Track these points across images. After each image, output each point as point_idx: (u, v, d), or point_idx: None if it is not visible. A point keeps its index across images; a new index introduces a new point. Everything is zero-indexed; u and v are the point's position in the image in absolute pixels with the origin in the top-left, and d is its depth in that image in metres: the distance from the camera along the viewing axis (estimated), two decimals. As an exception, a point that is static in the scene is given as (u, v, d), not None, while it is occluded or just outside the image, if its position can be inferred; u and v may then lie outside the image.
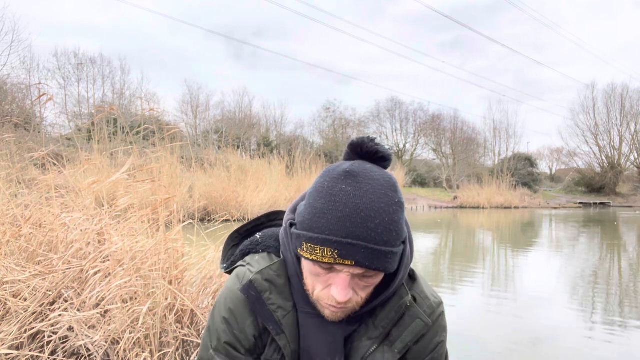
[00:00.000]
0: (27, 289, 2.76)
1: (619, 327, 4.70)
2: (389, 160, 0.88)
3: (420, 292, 0.98)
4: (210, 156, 18.46)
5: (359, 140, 0.87)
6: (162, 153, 3.93)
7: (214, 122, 36.73)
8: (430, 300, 0.98)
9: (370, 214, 0.77)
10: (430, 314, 0.96)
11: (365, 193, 0.79)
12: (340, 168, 0.84)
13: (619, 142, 45.44)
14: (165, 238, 3.10)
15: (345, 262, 0.78)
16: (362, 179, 0.81)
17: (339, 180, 0.81)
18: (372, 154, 0.87)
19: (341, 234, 0.77)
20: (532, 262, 9.44)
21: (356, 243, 0.76)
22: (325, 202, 0.79)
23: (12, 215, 3.48)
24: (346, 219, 0.77)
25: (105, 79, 30.22)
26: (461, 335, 4.38)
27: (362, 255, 0.77)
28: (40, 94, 4.68)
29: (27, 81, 23.25)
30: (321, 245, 0.78)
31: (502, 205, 33.30)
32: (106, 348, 2.58)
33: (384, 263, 0.80)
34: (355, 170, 0.82)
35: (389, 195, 0.81)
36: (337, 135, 41.98)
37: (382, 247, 0.78)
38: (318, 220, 0.79)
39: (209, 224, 4.20)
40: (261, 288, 0.90)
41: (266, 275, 0.92)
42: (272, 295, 0.91)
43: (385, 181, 0.82)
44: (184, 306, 2.90)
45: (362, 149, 0.87)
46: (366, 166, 0.84)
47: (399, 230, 0.82)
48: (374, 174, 0.83)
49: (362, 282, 0.84)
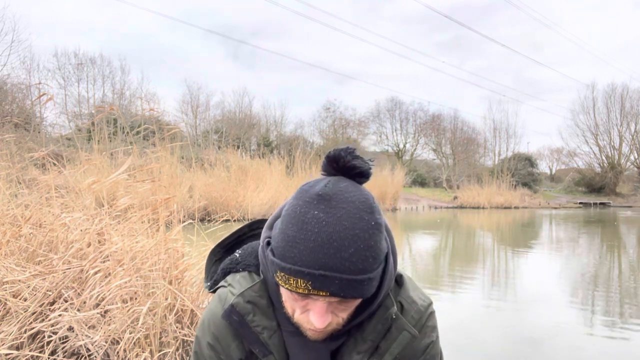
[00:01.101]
0: (27, 289, 2.76)
1: (619, 327, 4.70)
2: (367, 177, 0.84)
3: (407, 297, 0.96)
4: (210, 156, 18.46)
5: (335, 154, 0.82)
6: (162, 153, 3.93)
7: (214, 122, 36.75)
8: (418, 305, 0.97)
9: (343, 242, 0.74)
10: (419, 319, 0.95)
11: (339, 219, 0.75)
12: (314, 190, 0.79)
13: (619, 142, 45.48)
14: (165, 238, 3.10)
15: (320, 293, 0.75)
16: (336, 202, 0.77)
17: (311, 205, 0.77)
18: (349, 170, 0.82)
19: (314, 265, 0.73)
20: (532, 262, 9.44)
21: (330, 275, 0.74)
22: (297, 229, 0.76)
23: (12, 215, 3.48)
24: (318, 250, 0.73)
25: (105, 79, 30.26)
26: (461, 335, 4.38)
27: (337, 286, 0.74)
28: (40, 94, 4.69)
29: (27, 81, 23.26)
30: (294, 276, 0.75)
31: (502, 205, 33.30)
32: (106, 348, 2.58)
33: (360, 291, 0.77)
34: (329, 193, 0.77)
35: (364, 219, 0.77)
36: (337, 135, 41.96)
37: (358, 276, 0.75)
38: (290, 249, 0.76)
39: (209, 224, 4.20)
40: (244, 311, 0.89)
41: (248, 297, 0.90)
42: (255, 317, 0.90)
43: (360, 202, 0.78)
44: (184, 306, 2.90)
45: (339, 163, 0.82)
46: (341, 185, 0.79)
47: (376, 255, 0.78)
48: (349, 196, 0.78)
49: (341, 306, 0.82)
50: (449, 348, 4.16)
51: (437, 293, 6.26)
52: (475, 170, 42.73)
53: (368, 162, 0.84)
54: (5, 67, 20.94)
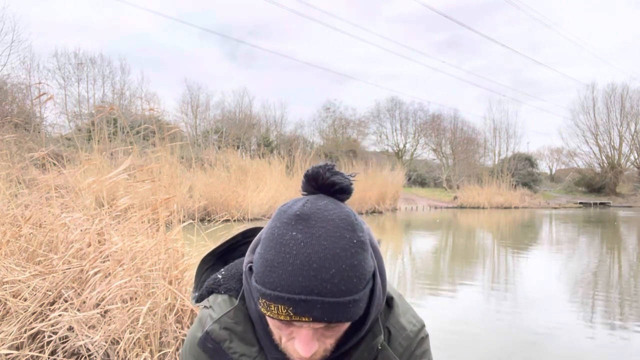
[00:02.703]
0: (27, 289, 2.76)
1: (619, 327, 4.70)
2: (348, 193, 0.81)
3: (395, 322, 0.92)
4: (210, 156, 18.46)
5: (314, 172, 0.80)
6: (162, 153, 3.93)
7: (214, 122, 36.75)
8: (407, 331, 0.92)
9: (324, 263, 0.70)
10: (407, 347, 0.91)
11: (318, 239, 0.72)
12: (292, 210, 0.77)
13: (619, 142, 45.49)
14: (165, 238, 3.10)
15: (302, 319, 0.72)
16: (314, 222, 0.74)
17: (289, 226, 0.74)
18: (329, 187, 0.80)
19: (294, 290, 0.70)
20: (531, 262, 9.44)
21: (311, 299, 0.70)
22: (275, 253, 0.73)
23: (12, 215, 3.48)
24: (298, 273, 0.70)
25: (105, 79, 30.25)
26: (461, 335, 4.39)
27: (319, 310, 0.71)
28: (40, 93, 4.69)
29: (27, 81, 23.26)
30: (275, 302, 0.72)
31: (502, 205, 33.30)
32: (106, 348, 2.58)
33: (346, 314, 0.73)
34: (307, 213, 0.75)
35: (345, 237, 0.73)
36: (337, 135, 41.99)
37: (341, 299, 0.72)
38: (269, 274, 0.73)
39: (209, 224, 4.20)
40: (219, 338, 0.87)
41: (224, 323, 0.88)
42: (232, 344, 0.87)
43: (341, 220, 0.75)
44: (184, 306, 2.90)
45: (318, 181, 0.80)
46: (320, 204, 0.77)
47: (360, 275, 0.74)
48: (329, 214, 0.75)
49: (327, 332, 0.78)
50: (449, 348, 4.16)
51: (436, 293, 6.26)
52: (475, 170, 42.73)
53: (348, 177, 0.82)
54: (5, 67, 20.97)
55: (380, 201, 23.78)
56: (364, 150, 41.12)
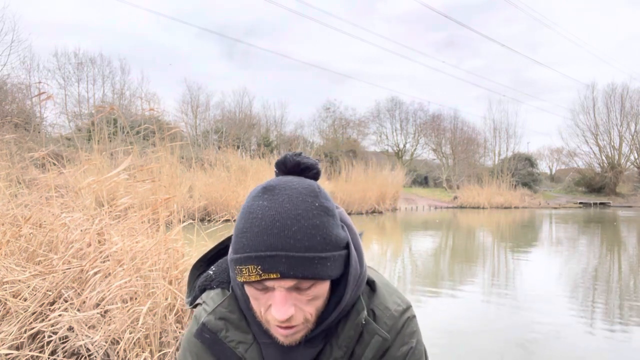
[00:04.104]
0: (27, 289, 2.76)
1: (619, 327, 4.70)
2: (314, 169, 0.87)
3: (379, 303, 0.94)
4: (210, 156, 18.46)
5: (282, 157, 0.87)
6: (162, 153, 3.93)
7: (214, 122, 36.74)
8: (391, 310, 0.94)
9: (286, 222, 0.76)
10: (392, 325, 0.93)
11: (281, 203, 0.78)
12: (259, 186, 0.84)
13: (619, 142, 45.47)
14: (165, 238, 3.10)
15: (271, 276, 0.76)
16: (279, 190, 0.81)
17: (256, 198, 0.81)
18: (295, 167, 0.86)
19: (260, 248, 0.76)
20: (531, 262, 9.44)
21: (275, 254, 0.75)
22: (244, 221, 0.79)
23: (12, 215, 3.48)
24: (263, 232, 0.76)
25: (105, 79, 30.26)
26: (461, 335, 4.39)
27: (285, 265, 0.75)
28: (39, 92, 4.68)
29: (27, 81, 23.26)
30: (245, 264, 0.77)
31: (502, 205, 33.30)
32: (106, 348, 2.58)
33: (312, 270, 0.77)
34: (272, 185, 0.82)
35: (307, 201, 0.80)
36: (337, 135, 41.98)
37: (306, 254, 0.76)
38: (240, 240, 0.79)
39: (209, 224, 4.20)
40: (216, 328, 0.90)
41: (219, 313, 0.91)
42: (229, 333, 0.90)
43: (303, 188, 0.82)
44: (184, 306, 2.90)
45: (286, 164, 0.87)
46: (285, 178, 0.84)
47: (325, 234, 0.79)
48: (292, 184, 0.82)
49: (302, 297, 0.81)
50: (447, 348, 4.16)
51: (436, 293, 6.26)
52: (475, 170, 42.73)
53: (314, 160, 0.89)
54: (5, 67, 20.96)
55: (380, 201, 23.78)
56: (364, 150, 41.10)
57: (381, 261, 9.04)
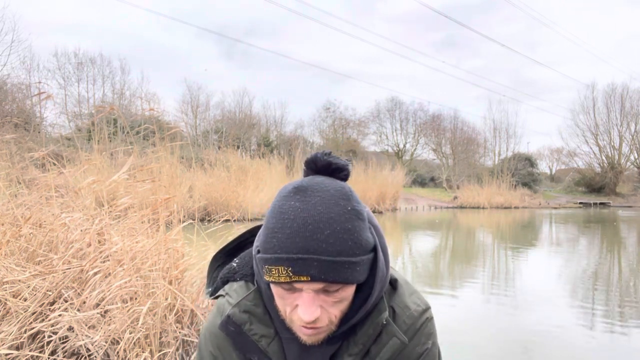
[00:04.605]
0: (27, 289, 2.76)
1: (619, 328, 4.70)
2: (345, 171, 0.87)
3: (400, 302, 0.95)
4: (210, 156, 18.46)
5: (312, 156, 0.87)
6: (162, 153, 3.93)
7: (214, 122, 36.74)
8: (411, 310, 0.95)
9: (319, 225, 0.76)
10: (411, 324, 0.94)
11: (313, 205, 0.78)
12: (290, 185, 0.83)
13: (619, 142, 45.47)
14: (165, 238, 3.10)
15: (301, 279, 0.76)
16: (311, 192, 0.80)
17: (288, 198, 0.81)
18: (326, 167, 0.86)
19: (292, 250, 0.76)
20: (531, 262, 9.44)
21: (307, 257, 0.75)
22: (275, 221, 0.79)
23: (12, 215, 3.48)
24: (295, 235, 0.76)
25: (105, 79, 30.26)
26: (460, 335, 4.39)
27: (316, 268, 0.75)
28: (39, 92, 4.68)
29: (27, 81, 23.26)
30: (275, 265, 0.77)
31: (502, 205, 33.29)
32: (106, 348, 2.58)
33: (342, 274, 0.77)
34: (304, 185, 0.81)
35: (340, 204, 0.79)
36: (337, 135, 41.98)
37: (337, 258, 0.76)
38: (270, 240, 0.78)
39: (209, 224, 4.20)
40: (240, 321, 0.91)
41: (243, 306, 0.92)
42: (253, 326, 0.91)
43: (336, 191, 0.81)
44: (184, 306, 2.91)
45: (317, 163, 0.86)
46: (317, 179, 0.83)
47: (356, 239, 0.79)
48: (325, 186, 0.82)
49: (329, 298, 0.81)
50: (447, 348, 4.16)
51: (436, 293, 6.26)
52: (475, 170, 42.73)
53: (345, 160, 0.88)
54: (5, 67, 20.96)
55: (380, 201, 23.78)
56: (364, 150, 41.11)
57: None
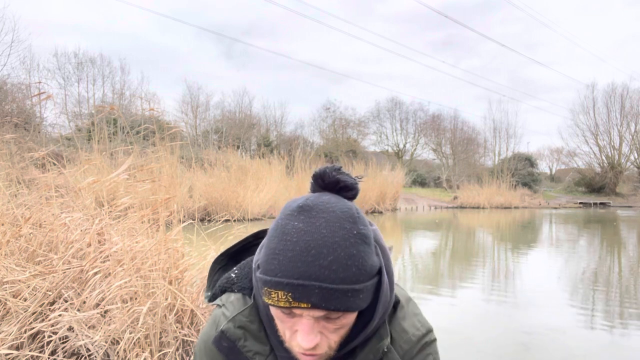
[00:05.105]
0: (27, 289, 2.77)
1: (619, 328, 4.70)
2: (353, 190, 0.83)
3: (397, 325, 0.91)
4: (210, 156, 18.47)
5: (320, 171, 0.83)
6: (162, 153, 3.93)
7: (214, 122, 36.75)
8: (409, 334, 0.91)
9: (322, 250, 0.72)
10: (408, 350, 0.90)
11: (318, 228, 0.74)
12: (295, 203, 0.80)
13: (619, 142, 45.46)
14: (165, 238, 3.10)
15: (301, 305, 0.73)
16: (316, 212, 0.76)
17: (291, 217, 0.77)
18: (334, 185, 0.82)
19: (293, 275, 0.72)
20: (531, 262, 9.44)
21: (308, 284, 0.71)
22: (277, 241, 0.76)
23: (12, 215, 3.48)
24: (297, 259, 0.72)
25: (105, 79, 30.27)
26: (460, 335, 4.39)
27: (317, 296, 0.72)
28: (39, 92, 4.69)
29: (27, 81, 23.25)
30: (275, 289, 0.74)
31: (502, 205, 33.29)
32: (106, 348, 2.58)
33: (344, 302, 0.74)
34: (309, 205, 0.77)
35: (345, 228, 0.75)
36: (337, 135, 41.98)
37: (339, 286, 0.72)
38: (271, 262, 0.75)
39: (209, 224, 4.20)
40: (234, 337, 0.89)
41: (238, 322, 0.89)
42: (247, 342, 0.89)
43: (342, 212, 0.77)
44: (184, 306, 2.90)
45: (324, 179, 0.82)
46: (323, 198, 0.79)
47: (360, 265, 0.75)
48: (330, 206, 0.77)
49: (330, 325, 0.78)
50: (448, 347, 4.16)
51: (436, 293, 6.26)
52: (475, 170, 42.73)
53: (354, 177, 0.84)
54: (5, 67, 20.95)
55: (380, 201, 23.78)
56: (364, 150, 41.10)
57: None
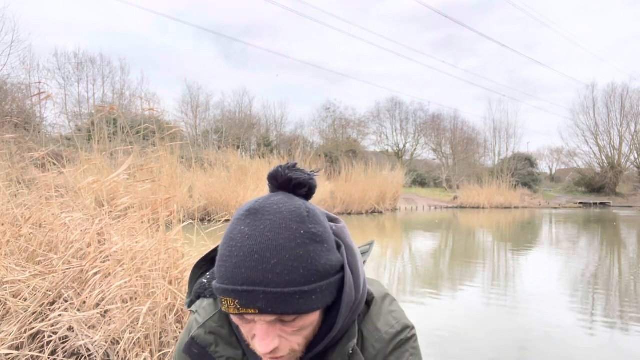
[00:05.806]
0: (27, 289, 2.77)
1: (619, 329, 4.70)
2: (305, 187, 0.80)
3: (370, 324, 0.87)
4: (210, 156, 18.47)
5: (274, 171, 0.80)
6: (162, 153, 3.93)
7: (214, 122, 36.76)
8: (382, 333, 0.86)
9: (265, 254, 0.70)
10: (380, 350, 0.86)
11: (262, 231, 0.72)
12: (245, 207, 0.78)
13: (619, 142, 45.49)
14: (165, 238, 3.10)
15: (249, 311, 0.71)
16: (262, 215, 0.74)
17: (239, 221, 0.75)
18: (287, 183, 0.79)
19: (237, 281, 0.70)
20: (531, 262, 9.44)
21: (253, 289, 0.70)
22: (225, 247, 0.74)
23: (12, 215, 3.48)
24: (241, 264, 0.71)
25: (105, 79, 30.28)
26: (460, 335, 4.38)
27: (263, 301, 0.70)
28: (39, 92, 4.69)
29: (27, 81, 23.25)
30: (223, 296, 0.72)
31: (502, 205, 33.30)
32: (106, 348, 2.58)
33: (293, 305, 0.71)
34: (256, 207, 0.75)
35: (291, 228, 0.73)
36: (337, 135, 41.97)
37: (286, 289, 0.70)
38: (220, 268, 0.74)
39: (209, 224, 4.20)
40: (205, 343, 0.87)
41: (209, 327, 0.88)
42: (218, 348, 0.87)
43: (289, 212, 0.74)
44: (184, 306, 2.90)
45: (277, 179, 0.80)
46: (273, 199, 0.77)
47: (309, 266, 0.72)
48: (278, 207, 0.75)
49: (287, 328, 0.75)
50: (448, 348, 4.16)
51: (435, 293, 6.26)
52: (475, 170, 42.74)
53: (309, 174, 0.81)
54: (5, 67, 20.95)
55: (380, 201, 23.78)
56: (364, 150, 41.09)
57: (381, 261, 9.04)
